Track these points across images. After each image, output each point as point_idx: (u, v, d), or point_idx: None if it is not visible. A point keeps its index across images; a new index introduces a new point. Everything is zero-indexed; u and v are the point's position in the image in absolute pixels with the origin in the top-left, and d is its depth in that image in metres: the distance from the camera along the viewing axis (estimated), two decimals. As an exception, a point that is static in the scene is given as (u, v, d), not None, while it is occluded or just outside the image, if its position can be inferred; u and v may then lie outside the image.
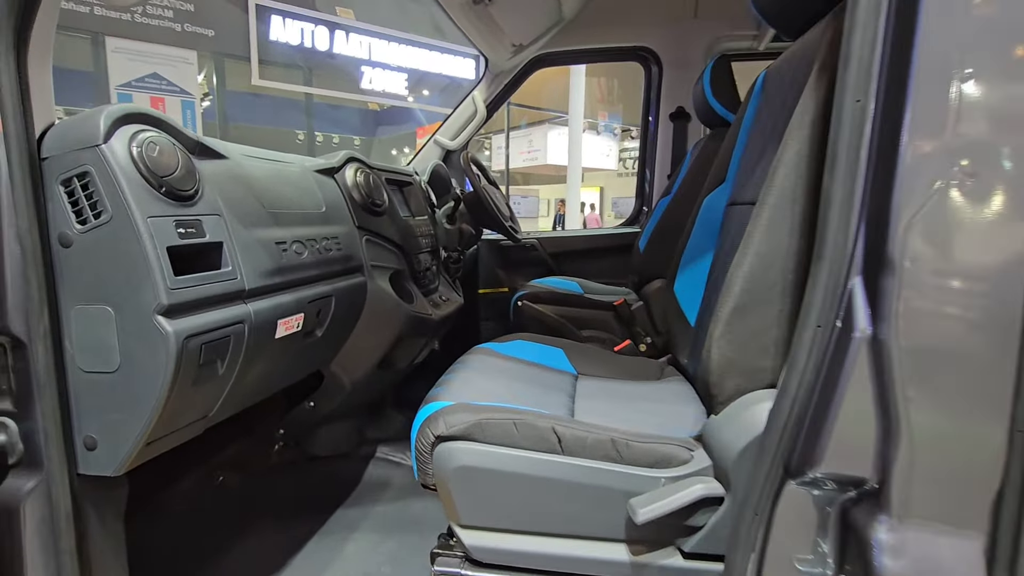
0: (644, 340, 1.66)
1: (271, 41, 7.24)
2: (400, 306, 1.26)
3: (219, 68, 7.33)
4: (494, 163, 13.77)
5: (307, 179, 1.07)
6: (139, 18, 6.56)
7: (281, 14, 7.27)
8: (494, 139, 13.60)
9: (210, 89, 7.85)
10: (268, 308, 0.84)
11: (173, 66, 6.74)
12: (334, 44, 7.75)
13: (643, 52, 2.13)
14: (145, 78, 6.58)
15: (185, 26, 6.86)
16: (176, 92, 6.76)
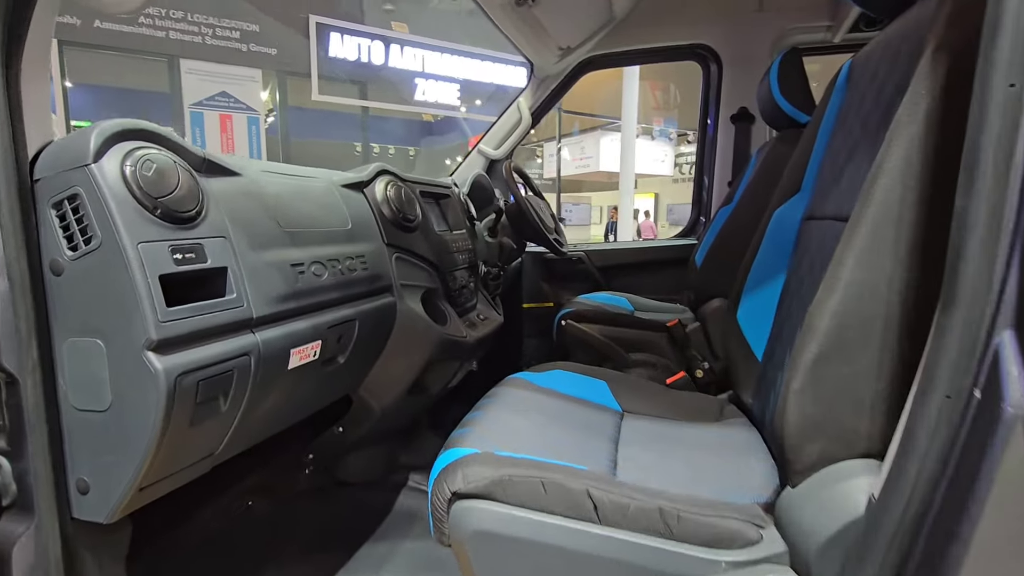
0: (701, 365, 1.50)
1: (330, 57, 7.48)
2: (431, 328, 1.17)
3: (281, 85, 7.64)
4: (546, 171, 13.70)
5: (332, 195, 1.00)
6: (209, 40, 6.93)
7: (339, 31, 7.51)
8: (546, 146, 13.54)
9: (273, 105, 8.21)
10: (279, 337, 0.77)
11: (240, 84, 7.09)
12: (389, 58, 7.92)
13: (701, 50, 1.97)
14: (215, 96, 6.95)
15: (251, 46, 7.20)
16: (242, 109, 7.09)
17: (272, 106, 8.41)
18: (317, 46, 7.32)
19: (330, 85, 7.60)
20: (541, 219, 1.75)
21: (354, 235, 1.01)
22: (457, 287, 1.36)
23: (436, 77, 8.17)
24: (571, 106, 10.97)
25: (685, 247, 2.09)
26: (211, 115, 6.99)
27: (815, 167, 0.83)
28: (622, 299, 1.91)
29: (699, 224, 2.14)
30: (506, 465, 0.65)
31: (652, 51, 2.02)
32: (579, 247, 2.17)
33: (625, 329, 1.57)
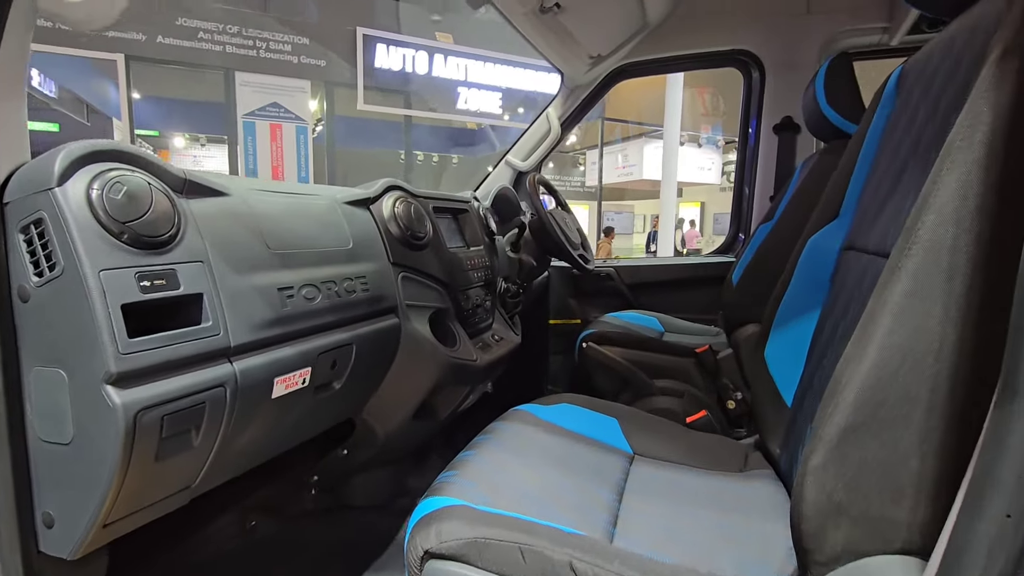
0: (733, 396, 1.39)
1: (376, 68, 7.65)
2: (438, 351, 1.12)
3: (329, 95, 7.86)
4: (588, 178, 13.55)
5: (334, 213, 0.97)
6: (263, 53, 7.21)
7: (385, 42, 7.68)
8: (588, 154, 13.40)
9: (321, 115, 8.46)
10: (261, 366, 0.73)
11: (290, 96, 7.34)
12: (433, 67, 8.03)
13: (742, 56, 1.86)
14: (266, 107, 7.22)
15: (301, 58, 7.45)
16: (292, 119, 7.34)
17: (320, 116, 8.68)
18: (363, 57, 7.49)
19: (375, 95, 7.76)
20: (565, 234, 1.67)
21: (356, 254, 0.97)
22: (471, 306, 1.31)
23: (478, 86, 8.22)
24: (614, 113, 10.81)
25: (722, 265, 1.97)
26: (262, 125, 7.25)
27: (856, 190, 0.72)
28: (652, 319, 1.81)
29: (737, 241, 2.01)
30: (485, 523, 0.58)
31: (689, 58, 1.92)
32: (608, 263, 2.08)
33: (650, 353, 1.47)
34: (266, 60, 7.23)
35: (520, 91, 8.41)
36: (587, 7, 1.50)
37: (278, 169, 7.33)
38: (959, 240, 0.38)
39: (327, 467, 1.25)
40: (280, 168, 7.35)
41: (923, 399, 0.39)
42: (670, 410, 1.37)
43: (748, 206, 1.91)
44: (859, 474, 0.42)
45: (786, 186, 1.64)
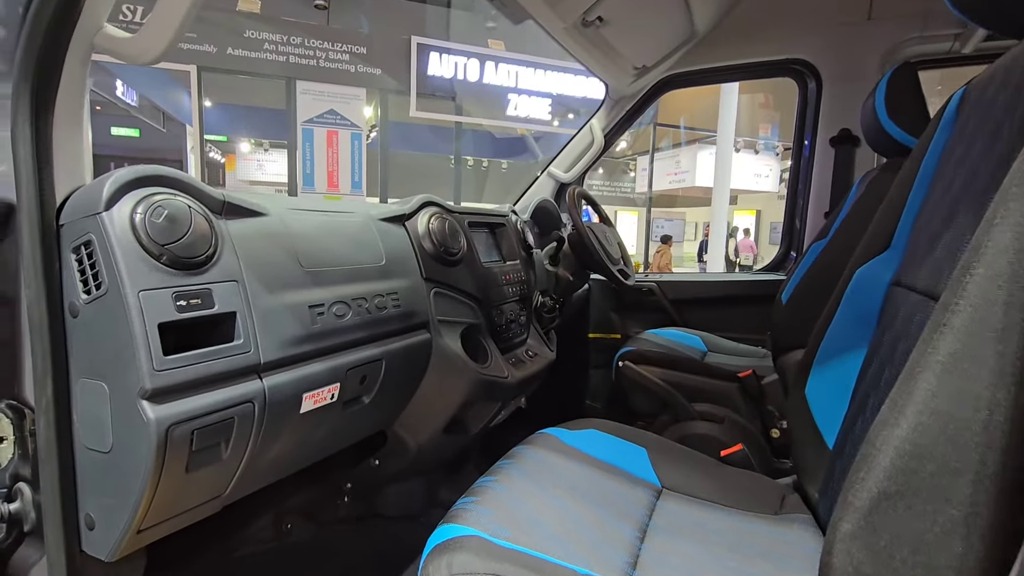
0: (777, 424, 1.32)
1: (428, 75, 7.82)
2: (468, 367, 1.12)
3: (383, 102, 8.09)
4: (638, 185, 13.33)
5: (368, 230, 0.99)
6: (323, 63, 7.52)
7: (438, 50, 7.83)
8: (639, 160, 13.18)
9: (375, 121, 8.72)
10: (290, 382, 0.75)
11: (347, 103, 7.61)
12: (484, 74, 8.13)
13: (797, 65, 1.77)
14: (324, 114, 7.51)
15: (358, 67, 7.72)
16: (347, 126, 7.60)
17: (374, 122, 8.95)
18: (417, 65, 7.67)
19: (427, 101, 7.93)
20: (605, 249, 1.64)
21: (389, 271, 0.98)
22: (504, 322, 1.30)
23: (528, 92, 8.25)
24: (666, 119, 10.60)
25: (771, 283, 1.88)
26: (320, 131, 7.54)
27: (909, 220, 0.67)
28: (695, 337, 1.75)
29: (788, 259, 1.92)
30: (497, 559, 0.57)
31: (740, 68, 1.85)
32: (650, 278, 2.03)
33: (690, 375, 1.42)
34: (325, 69, 7.52)
35: (571, 97, 8.38)
36: (631, 19, 1.47)
37: (333, 174, 7.61)
38: (1012, 298, 0.34)
39: (360, 476, 1.28)
40: (335, 173, 7.62)
41: (969, 473, 0.35)
42: (709, 436, 1.32)
43: (801, 222, 1.82)
44: (891, 548, 0.38)
45: (842, 203, 1.56)
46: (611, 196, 13.83)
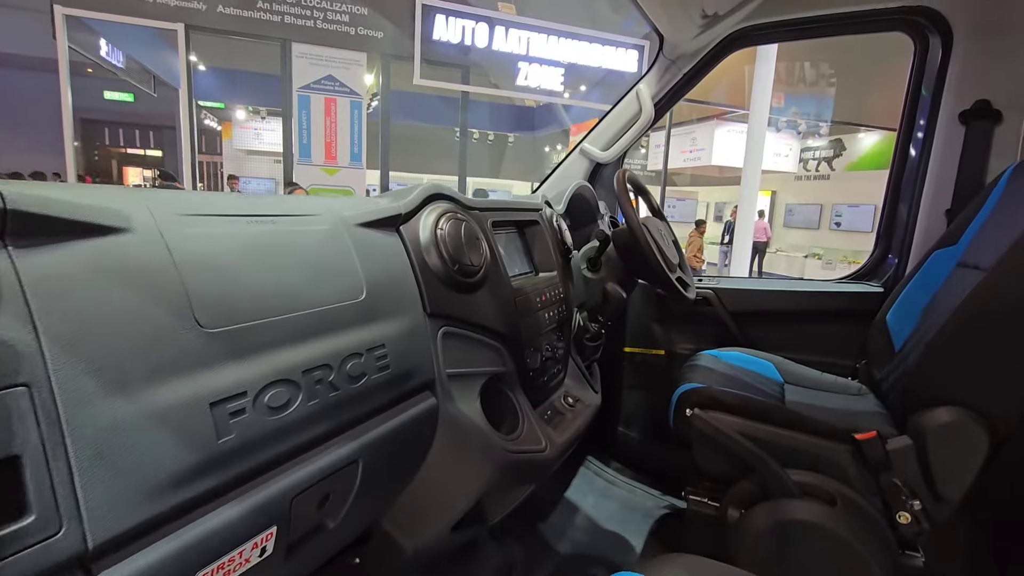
0: (907, 506, 0.96)
1: (433, 40, 7.30)
2: (491, 443, 0.75)
3: (385, 68, 7.58)
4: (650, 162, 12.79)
5: (338, 244, 0.60)
6: (320, 24, 7.01)
7: (445, 12, 7.29)
8: (652, 136, 12.61)
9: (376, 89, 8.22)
10: (163, 561, 0.38)
11: (346, 68, 7.14)
12: (493, 40, 7.60)
13: (919, 16, 1.35)
14: (321, 80, 7.05)
15: (359, 29, 7.21)
16: (346, 93, 7.14)
17: (375, 90, 8.44)
18: (421, 28, 7.15)
19: (432, 69, 7.43)
20: (662, 251, 1.26)
21: (371, 309, 0.61)
22: (540, 362, 0.93)
23: (540, 61, 7.72)
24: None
25: (862, 296, 1.50)
26: (317, 99, 7.09)
27: None
28: (767, 364, 1.38)
29: (887, 265, 1.52)
30: None
31: (837, 19, 1.43)
32: (706, 283, 1.65)
33: (785, 432, 1.05)
34: (323, 31, 7.03)
35: (584, 68, 7.85)
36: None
37: (331, 145, 7.20)
38: None
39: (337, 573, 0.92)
40: (333, 144, 7.21)
41: None
42: (817, 525, 0.96)
43: (910, 221, 1.42)
44: None
45: (980, 199, 1.16)
46: (621, 172, 13.25)
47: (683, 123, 11.38)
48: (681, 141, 11.37)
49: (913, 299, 1.21)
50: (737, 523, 1.03)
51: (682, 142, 11.38)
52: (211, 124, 12.31)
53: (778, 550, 0.99)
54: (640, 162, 12.73)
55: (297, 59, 6.93)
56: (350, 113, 7.25)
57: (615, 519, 1.41)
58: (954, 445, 0.94)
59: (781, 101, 9.72)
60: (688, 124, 11.36)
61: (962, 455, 0.94)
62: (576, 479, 1.60)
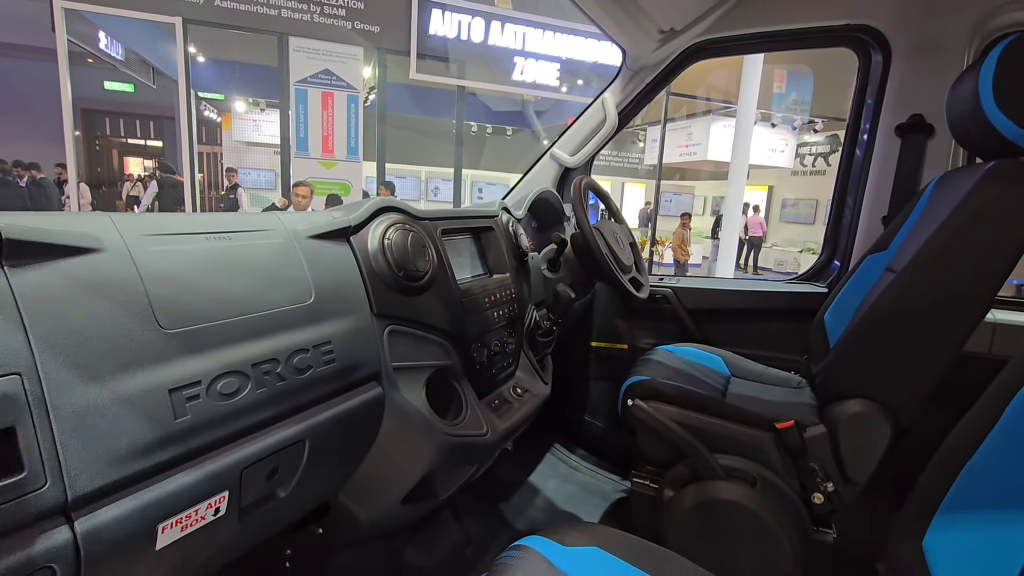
0: (820, 487, 1.06)
1: (429, 34, 7.34)
2: (433, 428, 0.85)
3: (381, 62, 7.63)
4: (647, 156, 12.83)
5: (289, 255, 0.70)
6: (317, 18, 7.05)
7: (440, 7, 7.32)
8: (649, 131, 12.65)
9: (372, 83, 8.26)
10: (130, 513, 0.49)
11: (343, 62, 7.18)
12: (489, 35, 7.64)
13: (861, 33, 1.44)
14: (318, 74, 7.09)
15: (356, 23, 7.24)
16: (343, 87, 7.18)
17: (372, 84, 8.49)
18: (418, 22, 7.19)
19: (428, 63, 7.48)
20: (615, 255, 1.36)
21: (319, 311, 0.71)
22: (486, 357, 1.03)
23: (536, 56, 7.77)
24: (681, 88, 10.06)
25: (809, 296, 1.60)
26: (314, 92, 7.14)
27: None
28: (717, 358, 1.48)
29: (831, 269, 1.62)
30: None
31: (788, 35, 1.51)
32: (665, 281, 1.75)
33: (715, 420, 1.15)
34: (320, 25, 7.07)
35: (580, 62, 7.89)
36: (662, -33, 1.15)
37: (328, 139, 7.25)
38: None
39: (302, 543, 1.03)
40: (330, 138, 7.26)
41: None
42: (738, 504, 1.06)
43: (851, 227, 1.52)
44: None
45: (909, 207, 1.26)
46: (618, 167, 13.33)
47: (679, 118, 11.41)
48: (678, 136, 11.41)
49: (847, 300, 1.31)
50: (670, 502, 1.14)
51: (679, 137, 11.42)
52: (211, 115, 12.35)
53: (703, 526, 1.10)
54: (636, 156, 12.78)
55: (295, 53, 6.97)
56: (347, 107, 7.29)
57: (572, 500, 1.52)
58: (861, 433, 1.04)
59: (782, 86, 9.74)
60: (685, 120, 11.39)
61: (868, 442, 1.04)
62: (541, 464, 1.71)
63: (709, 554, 1.09)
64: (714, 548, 1.09)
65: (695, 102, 10.72)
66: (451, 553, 1.21)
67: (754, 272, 11.49)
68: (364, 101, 7.52)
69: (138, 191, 9.97)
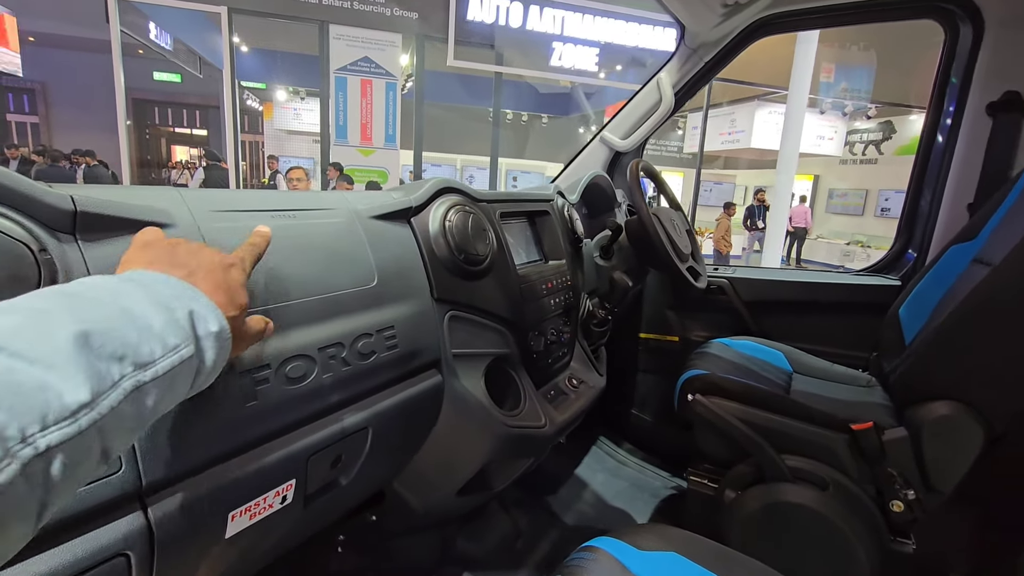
0: (900, 495, 0.99)
1: (468, 21, 7.28)
2: (493, 419, 0.82)
3: (419, 49, 7.62)
4: (687, 144, 12.48)
5: (352, 235, 0.68)
6: (357, 5, 7.08)
7: (479, -8, 7.24)
8: (690, 117, 12.29)
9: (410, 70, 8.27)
10: (199, 501, 0.47)
11: (381, 50, 7.21)
12: (528, 20, 7.53)
13: (949, 4, 1.32)
14: (358, 62, 7.14)
15: (394, 10, 7.25)
16: (382, 75, 7.21)
17: (410, 71, 8.49)
18: (456, 8, 7.14)
19: (466, 50, 7.43)
20: (673, 242, 1.30)
21: (382, 295, 0.68)
22: (543, 345, 0.99)
23: (574, 41, 7.61)
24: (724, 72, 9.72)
25: (879, 289, 1.50)
26: (353, 80, 7.19)
27: None
28: (777, 353, 1.40)
29: (905, 259, 1.51)
30: None
31: (864, 7, 1.40)
32: (721, 272, 1.67)
33: (783, 419, 1.09)
34: (359, 12, 7.10)
35: (620, 47, 7.69)
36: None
37: (367, 126, 7.30)
38: None
39: (355, 528, 1.02)
40: (368, 125, 7.32)
41: None
42: (809, 508, 1.00)
43: (931, 215, 1.41)
44: None
45: (1002, 193, 1.15)
46: (656, 155, 13.02)
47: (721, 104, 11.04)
48: (720, 123, 11.05)
49: (926, 294, 1.21)
50: (732, 503, 1.08)
51: (721, 123, 11.06)
52: (253, 104, 12.64)
53: (769, 530, 1.04)
54: (676, 144, 12.46)
55: (335, 41, 7.03)
56: (385, 94, 7.32)
57: (621, 496, 1.48)
58: (949, 438, 0.96)
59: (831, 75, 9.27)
60: (727, 105, 11.02)
61: (956, 448, 0.96)
62: (587, 457, 1.67)
63: (776, 560, 1.03)
64: (782, 554, 1.03)
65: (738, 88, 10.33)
66: (501, 544, 1.19)
67: (797, 265, 11.08)
68: (402, 89, 7.54)
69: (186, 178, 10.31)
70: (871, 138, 11.29)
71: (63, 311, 0.28)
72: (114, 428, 0.28)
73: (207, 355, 0.35)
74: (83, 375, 0.27)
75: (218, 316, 0.36)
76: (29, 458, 0.23)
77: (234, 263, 0.42)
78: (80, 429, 0.26)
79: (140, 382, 0.30)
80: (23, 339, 0.26)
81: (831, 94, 9.39)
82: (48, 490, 0.25)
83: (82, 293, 0.31)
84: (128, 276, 0.35)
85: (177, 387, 0.33)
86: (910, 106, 10.17)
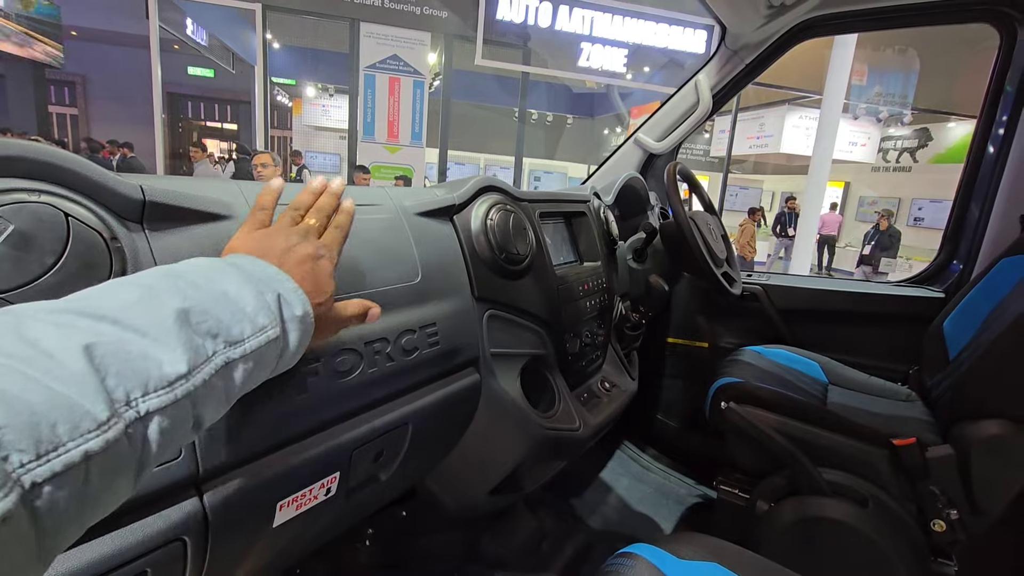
0: (944, 515, 0.96)
1: (496, 20, 7.29)
2: (528, 419, 0.82)
3: (447, 48, 7.66)
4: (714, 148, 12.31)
5: (398, 232, 0.68)
6: (388, 3, 7.14)
7: (508, -8, 7.24)
8: (717, 121, 12.12)
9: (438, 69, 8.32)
10: (253, 490, 0.47)
11: (410, 48, 7.26)
12: (557, 20, 7.50)
13: (1006, 7, 1.27)
14: (387, 60, 7.20)
15: (424, 9, 7.30)
16: (410, 73, 7.27)
17: (437, 70, 8.54)
18: (485, 8, 7.15)
19: (494, 49, 7.44)
20: (708, 246, 1.27)
21: (425, 292, 0.68)
22: (579, 347, 0.98)
23: (603, 42, 7.56)
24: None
25: (919, 300, 1.45)
26: (382, 78, 7.26)
27: None
28: (812, 364, 1.37)
29: (950, 271, 1.46)
30: None
31: (915, 9, 1.36)
32: (754, 279, 1.63)
33: (821, 431, 1.06)
34: (389, 10, 7.16)
35: (649, 49, 7.62)
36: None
37: (394, 124, 7.36)
38: None
39: (384, 522, 1.03)
40: (395, 123, 7.37)
41: None
42: (846, 525, 0.97)
43: (979, 225, 1.36)
44: None
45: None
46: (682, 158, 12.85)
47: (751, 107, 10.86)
48: (748, 127, 10.87)
49: (975, 307, 1.17)
50: (765, 515, 1.06)
51: (749, 127, 10.88)
52: (283, 100, 12.85)
53: (804, 544, 1.01)
54: (703, 147, 12.30)
55: (365, 39, 7.10)
56: (412, 92, 7.38)
57: (646, 501, 1.46)
58: (999, 458, 0.92)
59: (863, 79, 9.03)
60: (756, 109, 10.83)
61: (1006, 469, 0.92)
62: (612, 461, 1.65)
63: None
64: (818, 569, 1.01)
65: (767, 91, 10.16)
66: (527, 545, 1.18)
67: (827, 274, 10.85)
68: (429, 87, 7.58)
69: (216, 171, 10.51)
70: (906, 145, 10.99)
71: (169, 289, 0.31)
72: (205, 400, 0.31)
73: (291, 337, 0.38)
74: (181, 348, 0.29)
75: (303, 301, 0.39)
76: (132, 420, 0.26)
77: (323, 254, 0.45)
78: (176, 398, 0.28)
79: (230, 358, 0.32)
80: (134, 313, 0.28)
81: (863, 98, 9.15)
82: (146, 450, 0.27)
83: (186, 273, 0.34)
84: (230, 260, 0.38)
85: (262, 366, 0.36)
86: (949, 113, 9.87)
